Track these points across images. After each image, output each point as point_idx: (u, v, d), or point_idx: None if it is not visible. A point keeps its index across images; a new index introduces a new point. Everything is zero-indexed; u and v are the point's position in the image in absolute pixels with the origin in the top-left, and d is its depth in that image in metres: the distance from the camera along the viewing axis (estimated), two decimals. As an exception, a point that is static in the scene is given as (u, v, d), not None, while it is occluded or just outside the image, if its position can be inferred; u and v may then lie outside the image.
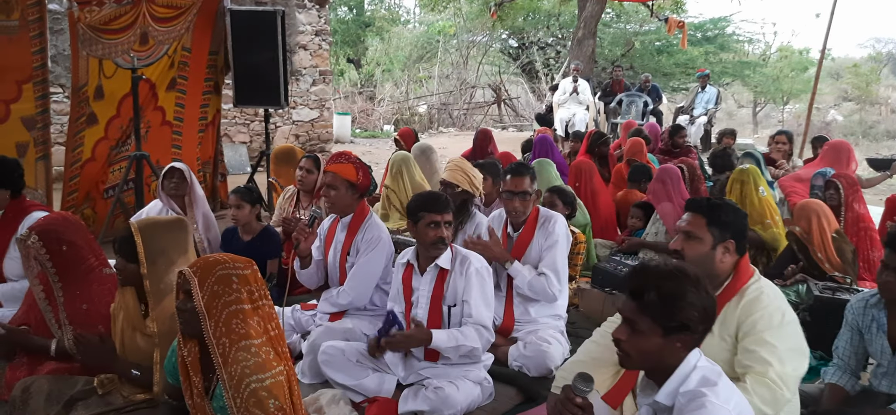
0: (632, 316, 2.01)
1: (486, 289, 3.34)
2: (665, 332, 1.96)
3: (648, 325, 1.97)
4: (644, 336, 1.98)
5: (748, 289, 2.66)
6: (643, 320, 1.98)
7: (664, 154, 8.39)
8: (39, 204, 4.15)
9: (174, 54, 6.51)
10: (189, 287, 2.30)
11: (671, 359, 2.00)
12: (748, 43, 24.56)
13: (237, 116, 10.64)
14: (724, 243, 2.68)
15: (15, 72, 5.30)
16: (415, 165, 6.17)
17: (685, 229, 2.75)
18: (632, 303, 2.01)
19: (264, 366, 2.24)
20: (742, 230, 2.73)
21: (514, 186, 3.85)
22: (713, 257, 2.66)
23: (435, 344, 3.19)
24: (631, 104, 12.85)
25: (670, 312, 1.94)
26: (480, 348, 3.27)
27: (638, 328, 1.99)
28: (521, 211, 3.87)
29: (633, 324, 2.00)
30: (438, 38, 21.76)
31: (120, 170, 6.25)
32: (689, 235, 2.73)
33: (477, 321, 3.25)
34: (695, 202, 2.79)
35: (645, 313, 1.97)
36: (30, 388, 2.91)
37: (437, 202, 3.33)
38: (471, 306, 3.27)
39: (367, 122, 18.19)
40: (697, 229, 2.71)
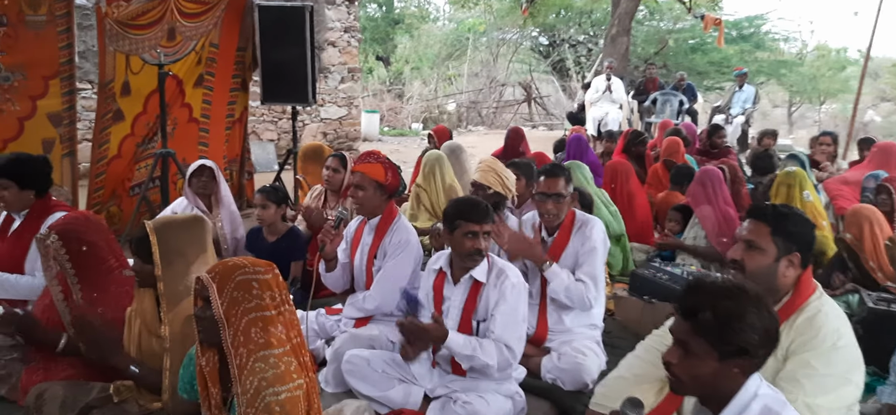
0: (685, 338, 1.81)
1: (520, 306, 3.11)
2: (721, 356, 1.77)
3: (703, 348, 1.78)
4: (698, 360, 1.80)
5: (807, 306, 2.44)
6: (697, 343, 1.79)
7: (702, 155, 8.12)
8: (65, 205, 4.06)
9: (202, 50, 6.43)
10: (207, 294, 2.17)
11: (728, 385, 1.81)
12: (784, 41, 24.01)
13: (265, 114, 10.58)
14: (789, 256, 2.46)
15: (42, 67, 5.26)
16: (448, 166, 6.00)
17: (746, 238, 2.53)
18: (685, 323, 1.82)
19: (283, 377, 2.10)
20: (809, 242, 2.51)
21: (547, 188, 3.66)
22: (776, 271, 2.45)
23: (449, 344, 2.99)
24: (665, 103, 12.54)
25: (728, 334, 1.75)
26: (495, 367, 3.02)
27: (691, 351, 1.80)
28: (555, 214, 3.67)
29: (686, 346, 1.81)
30: (468, 36, 21.57)
31: (146, 167, 6.19)
32: (750, 245, 2.51)
33: (499, 339, 3.03)
34: (758, 210, 2.57)
35: (699, 334, 1.78)
36: (44, 394, 2.80)
37: (477, 211, 3.09)
38: (496, 321, 3.05)
39: (396, 120, 18.08)
40: (760, 239, 2.49)
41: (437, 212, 5.81)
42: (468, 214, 3.07)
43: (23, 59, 5.15)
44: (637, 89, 13.52)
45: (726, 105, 12.80)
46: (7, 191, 3.69)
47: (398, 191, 3.81)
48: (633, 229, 5.71)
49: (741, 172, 6.22)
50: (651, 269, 4.38)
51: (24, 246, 3.69)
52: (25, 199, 3.74)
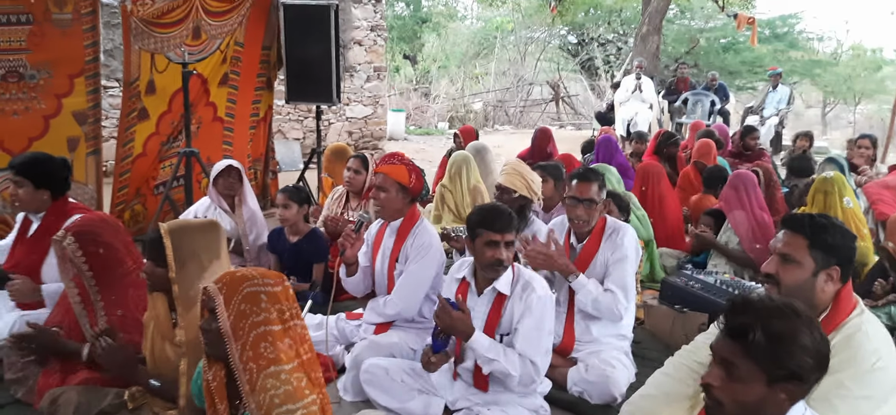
0: (730, 359, 1.68)
1: (545, 320, 2.97)
2: (770, 380, 1.64)
3: (751, 371, 1.65)
4: (743, 384, 1.66)
5: (847, 324, 2.28)
6: (745, 365, 1.65)
7: (734, 157, 7.91)
8: (83, 206, 4.03)
9: (227, 49, 6.40)
10: (214, 305, 2.08)
11: (773, 412, 1.67)
12: (819, 40, 23.53)
13: (291, 113, 10.56)
14: (828, 270, 2.30)
15: (67, 65, 5.25)
16: (475, 167, 5.90)
17: (782, 251, 2.37)
18: (731, 344, 1.69)
19: (294, 395, 2.02)
20: (849, 255, 2.34)
21: (579, 193, 3.51)
22: (813, 286, 2.30)
23: (473, 342, 2.86)
24: (697, 103, 12.32)
25: (779, 357, 1.63)
26: (517, 379, 2.89)
27: (737, 374, 1.67)
28: (586, 220, 3.53)
29: (731, 369, 1.68)
30: (496, 35, 21.43)
31: (170, 166, 6.17)
32: (786, 258, 2.35)
33: (522, 352, 2.90)
34: (795, 220, 2.40)
35: (748, 356, 1.65)
36: (58, 399, 2.76)
37: (499, 219, 2.95)
38: (519, 335, 2.92)
39: (422, 119, 18.01)
40: (796, 252, 2.33)
41: (461, 213, 5.71)
42: (489, 223, 2.95)
43: (48, 57, 5.14)
44: (668, 89, 13.30)
45: (759, 106, 12.53)
46: (22, 189, 3.66)
47: (422, 194, 3.71)
48: (663, 234, 5.56)
49: (776, 176, 6.02)
50: (683, 277, 4.22)
51: (43, 250, 3.66)
52: (40, 199, 3.70)
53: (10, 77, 5.02)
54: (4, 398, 3.20)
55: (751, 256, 4.95)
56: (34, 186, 3.67)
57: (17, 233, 3.90)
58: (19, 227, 3.88)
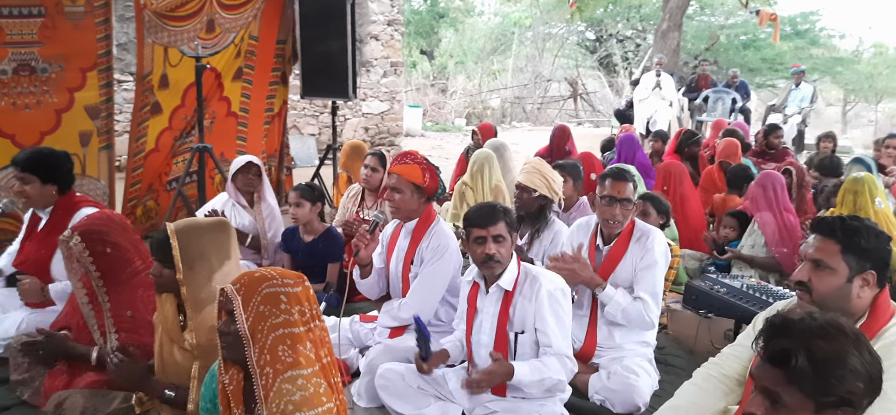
0: (773, 387, 1.55)
1: (562, 313, 2.88)
2: (818, 408, 1.51)
3: (797, 399, 1.52)
4: (790, 414, 1.53)
5: (887, 331, 2.15)
6: (790, 394, 1.52)
7: (758, 156, 7.72)
8: (90, 200, 3.96)
9: (241, 43, 6.31)
10: (232, 307, 2.00)
11: None
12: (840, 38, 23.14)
13: (306, 108, 10.48)
14: (863, 275, 2.18)
15: (79, 59, 5.18)
16: (496, 165, 5.78)
17: (814, 257, 2.24)
18: (773, 370, 1.55)
19: (311, 401, 1.92)
20: (885, 258, 2.21)
21: (615, 192, 3.36)
22: (849, 292, 2.16)
23: (517, 379, 2.75)
24: (717, 101, 12.14)
25: (827, 383, 1.49)
26: (565, 381, 2.85)
27: (781, 403, 1.54)
28: (621, 221, 3.39)
29: (776, 397, 1.55)
30: (513, 30, 21.26)
31: (183, 161, 6.09)
32: (818, 264, 2.22)
33: (558, 352, 2.81)
34: (825, 224, 2.26)
35: (793, 384, 1.51)
36: (64, 403, 2.69)
37: (482, 215, 2.89)
38: (549, 336, 2.82)
39: (439, 115, 17.90)
40: (829, 257, 2.20)
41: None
42: (473, 219, 2.90)
43: (61, 51, 5.07)
44: (688, 86, 13.11)
45: (782, 104, 12.31)
46: (29, 185, 3.60)
47: (437, 193, 3.60)
48: (685, 235, 5.41)
49: (808, 176, 5.84)
50: (708, 280, 4.06)
51: (52, 245, 3.59)
52: (48, 194, 3.65)
53: (22, 71, 4.95)
54: (10, 400, 3.14)
55: (776, 259, 4.79)
56: (41, 181, 3.61)
57: (25, 230, 3.85)
58: (28, 223, 3.82)
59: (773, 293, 3.78)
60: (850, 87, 21.56)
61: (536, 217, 4.08)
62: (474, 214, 2.93)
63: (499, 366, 2.76)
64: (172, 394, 2.59)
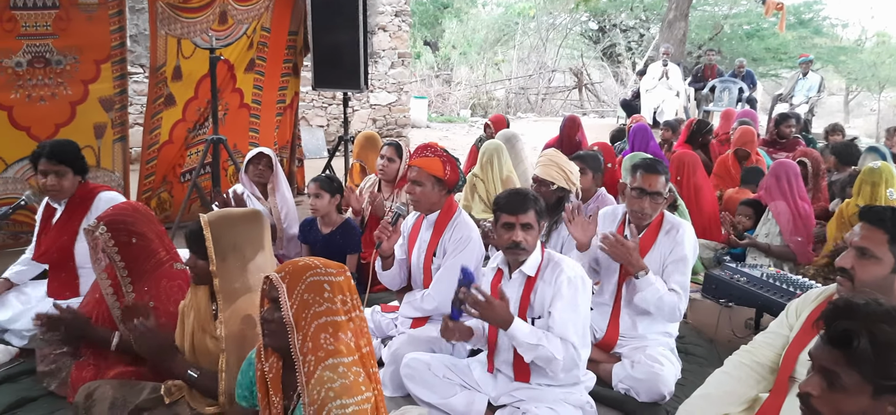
0: (831, 367, 1.55)
1: (578, 301, 2.84)
2: (876, 391, 1.51)
3: (855, 381, 1.52)
4: (846, 395, 1.53)
5: None
6: (849, 375, 1.52)
7: (769, 146, 7.71)
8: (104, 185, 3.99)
9: (253, 34, 6.30)
10: (276, 295, 2.02)
11: None
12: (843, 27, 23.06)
13: (314, 99, 10.46)
14: None
15: (93, 51, 5.19)
16: (506, 156, 5.78)
17: (859, 244, 2.25)
18: (832, 351, 1.56)
19: (351, 389, 1.93)
20: None
21: (647, 184, 3.35)
22: (892, 283, 2.17)
23: (513, 330, 2.72)
24: (724, 91, 12.10)
25: (888, 367, 1.49)
26: (561, 363, 2.76)
27: (839, 384, 1.54)
28: (649, 214, 3.38)
29: (834, 378, 1.55)
30: (517, 21, 21.19)
31: (197, 153, 6.10)
32: (863, 253, 2.23)
33: (560, 335, 2.78)
34: (874, 213, 2.27)
35: (851, 365, 1.52)
36: (93, 394, 2.68)
37: (512, 202, 2.89)
38: (554, 318, 2.79)
39: (444, 106, 17.87)
40: (875, 246, 2.21)
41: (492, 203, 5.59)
42: (505, 206, 2.90)
43: (75, 43, 5.08)
44: (694, 76, 13.07)
45: (788, 93, 12.26)
46: (64, 178, 3.61)
47: (458, 185, 3.60)
48: (699, 225, 5.37)
49: (824, 166, 5.83)
50: (727, 270, 4.07)
51: (72, 232, 3.61)
52: (76, 184, 3.68)
53: (37, 63, 4.96)
54: (38, 391, 3.15)
55: (791, 247, 4.80)
56: (73, 172, 3.63)
57: (40, 223, 3.85)
58: (42, 216, 3.82)
59: (793, 282, 3.80)
60: (853, 76, 21.49)
61: (555, 209, 4.08)
62: (505, 199, 2.92)
63: (501, 306, 2.72)
64: (195, 374, 2.60)
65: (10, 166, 5.00)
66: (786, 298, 3.61)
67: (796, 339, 2.35)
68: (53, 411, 3.00)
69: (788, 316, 2.48)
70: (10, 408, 3.01)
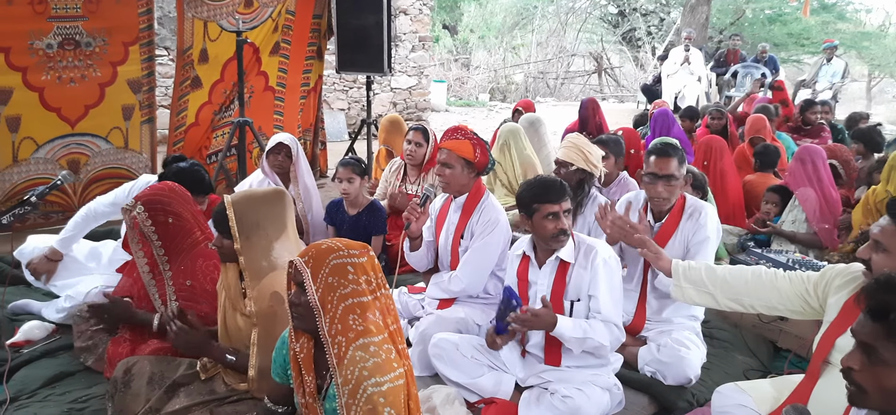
0: (872, 341, 1.58)
1: (614, 281, 2.92)
2: None
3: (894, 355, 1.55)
4: (887, 368, 1.56)
5: None
6: (888, 349, 1.55)
7: (794, 132, 7.65)
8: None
9: (278, 17, 6.34)
10: (301, 279, 2.05)
11: None
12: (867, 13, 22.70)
13: (336, 83, 10.50)
14: None
15: (122, 33, 5.26)
16: (525, 139, 5.78)
17: (876, 237, 2.29)
18: (873, 324, 1.58)
19: (383, 367, 1.98)
20: None
21: (658, 169, 3.35)
22: None
23: (559, 330, 2.78)
24: (746, 76, 11.98)
25: None
26: (609, 347, 2.87)
27: (879, 358, 1.57)
28: (666, 197, 3.38)
29: (873, 352, 1.58)
30: (536, 5, 21.07)
31: (223, 135, 6.16)
32: (878, 246, 2.27)
33: (606, 318, 2.85)
34: (894, 205, 2.30)
35: (891, 339, 1.54)
36: (132, 369, 2.75)
37: (553, 190, 2.90)
38: (599, 302, 2.86)
39: (462, 90, 17.84)
40: (889, 240, 2.24)
41: (513, 187, 5.61)
42: (545, 196, 2.89)
43: (104, 25, 5.15)
44: (717, 61, 12.95)
45: (812, 79, 12.14)
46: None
47: (487, 168, 3.63)
48: (723, 211, 5.36)
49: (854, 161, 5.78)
50: (753, 255, 4.08)
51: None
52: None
53: (67, 44, 5.03)
54: (74, 366, 3.22)
55: (817, 234, 4.78)
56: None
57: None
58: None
59: (817, 267, 3.79)
60: (876, 62, 21.16)
61: (577, 191, 4.08)
62: (544, 190, 2.92)
63: (544, 312, 2.78)
64: (233, 358, 2.67)
65: (40, 147, 5.09)
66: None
67: (834, 323, 2.37)
68: (90, 386, 3.06)
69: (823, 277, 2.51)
70: (48, 383, 3.08)
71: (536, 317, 2.77)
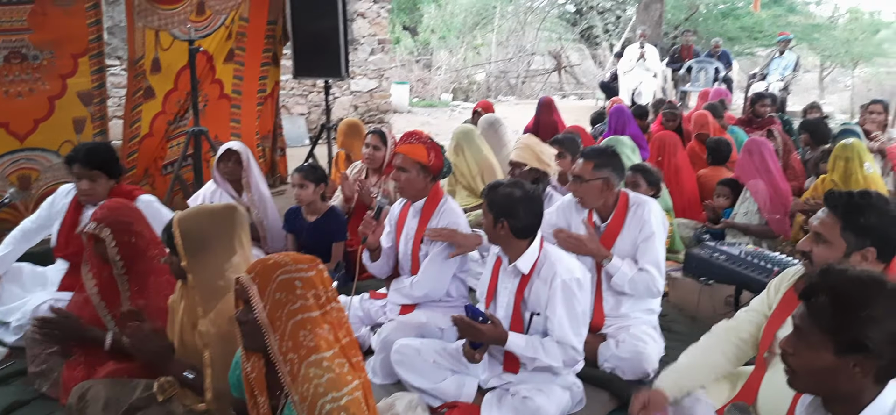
0: (800, 323, 1.64)
1: (574, 303, 2.85)
2: (837, 350, 1.57)
3: (818, 337, 1.59)
4: (812, 351, 1.61)
5: None
6: (812, 330, 1.60)
7: (744, 125, 7.82)
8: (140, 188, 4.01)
9: (231, 24, 6.27)
10: (248, 296, 2.01)
11: (849, 387, 1.60)
12: (816, 4, 23.27)
13: (295, 87, 10.41)
14: (863, 252, 2.28)
15: (70, 45, 5.14)
16: (478, 140, 5.81)
17: (816, 230, 2.36)
18: (801, 307, 1.64)
19: (338, 382, 1.95)
20: (886, 235, 2.30)
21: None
22: None
23: (510, 346, 2.82)
24: (700, 71, 12.25)
25: (842, 323, 1.55)
26: (561, 367, 2.86)
27: (805, 340, 1.62)
28: (583, 197, 3.45)
29: (801, 334, 1.64)
30: (495, 4, 21.17)
31: (178, 145, 6.07)
32: (819, 237, 2.35)
33: (560, 339, 2.83)
34: (832, 198, 2.37)
35: (813, 320, 1.60)
36: (86, 395, 2.67)
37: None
38: (553, 323, 2.83)
39: (425, 91, 17.84)
40: (828, 231, 2.32)
41: (473, 188, 5.64)
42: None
43: (52, 37, 5.03)
44: (671, 57, 13.19)
45: (762, 71, 12.42)
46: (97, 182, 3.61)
47: (443, 172, 3.64)
48: (679, 204, 5.50)
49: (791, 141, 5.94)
50: (706, 248, 4.16)
51: None
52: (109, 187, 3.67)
53: (13, 58, 4.91)
54: (28, 394, 3.12)
55: (770, 224, 4.89)
56: (108, 176, 3.63)
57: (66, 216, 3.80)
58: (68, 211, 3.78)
59: (770, 259, 3.89)
60: (827, 52, 21.69)
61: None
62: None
63: (491, 330, 2.80)
64: (192, 375, 2.62)
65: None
66: (764, 275, 3.70)
67: (774, 315, 2.43)
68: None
69: (769, 294, 2.56)
70: (2, 413, 2.99)
71: (482, 333, 2.79)
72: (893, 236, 2.31)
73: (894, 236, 2.32)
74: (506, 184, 2.99)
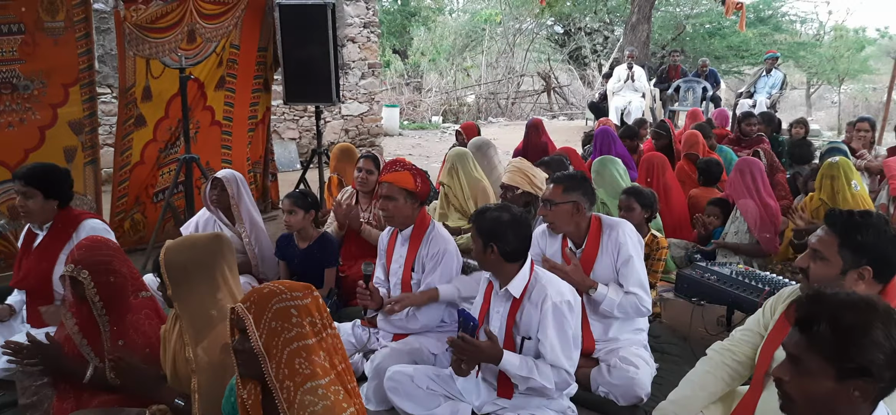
0: (797, 352, 1.64)
1: (566, 327, 2.86)
2: (839, 375, 1.58)
3: (818, 364, 1.60)
4: (812, 378, 1.61)
5: None
6: (812, 358, 1.61)
7: (732, 144, 7.87)
8: (89, 212, 3.96)
9: (222, 52, 6.30)
10: (244, 325, 2.02)
11: (846, 410, 1.62)
12: (801, 23, 23.57)
13: (285, 113, 10.44)
14: (859, 270, 2.29)
15: (61, 75, 5.15)
16: (471, 162, 5.84)
17: (814, 246, 2.37)
18: (798, 336, 1.64)
19: (334, 409, 1.97)
20: (884, 254, 2.30)
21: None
22: (842, 285, 2.27)
23: (504, 365, 2.81)
24: (688, 91, 12.34)
25: (846, 350, 1.56)
26: (554, 389, 2.86)
27: (804, 368, 1.62)
28: (552, 222, 3.47)
29: (799, 362, 1.64)
30: (484, 27, 21.33)
31: (169, 172, 6.07)
32: (816, 254, 2.36)
33: (553, 362, 2.83)
34: (832, 216, 2.39)
35: (814, 349, 1.60)
36: (78, 424, 2.68)
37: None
38: (545, 346, 2.83)
39: (415, 113, 17.91)
40: (826, 248, 2.33)
41: (465, 211, 5.65)
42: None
43: (42, 67, 5.04)
44: (659, 77, 13.29)
45: (748, 90, 12.53)
46: (32, 200, 3.60)
47: (429, 197, 3.66)
48: (669, 224, 5.52)
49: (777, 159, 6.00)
50: (698, 269, 4.18)
51: (52, 259, 3.60)
52: (49, 209, 3.66)
53: (4, 89, 4.92)
54: (20, 426, 3.10)
55: (760, 243, 4.92)
56: (44, 196, 3.61)
57: (21, 247, 3.83)
58: (24, 240, 3.80)
59: (761, 278, 3.91)
60: (813, 70, 21.95)
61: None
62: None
63: (489, 346, 2.79)
64: (183, 403, 2.62)
65: (-21, 194, 4.94)
66: (755, 294, 3.72)
67: (771, 335, 2.44)
68: (38, 445, 2.97)
69: (765, 314, 2.57)
70: (-7, 445, 2.98)
71: (479, 350, 2.78)
72: (890, 257, 2.32)
73: (891, 257, 2.32)
74: (494, 208, 3.00)
